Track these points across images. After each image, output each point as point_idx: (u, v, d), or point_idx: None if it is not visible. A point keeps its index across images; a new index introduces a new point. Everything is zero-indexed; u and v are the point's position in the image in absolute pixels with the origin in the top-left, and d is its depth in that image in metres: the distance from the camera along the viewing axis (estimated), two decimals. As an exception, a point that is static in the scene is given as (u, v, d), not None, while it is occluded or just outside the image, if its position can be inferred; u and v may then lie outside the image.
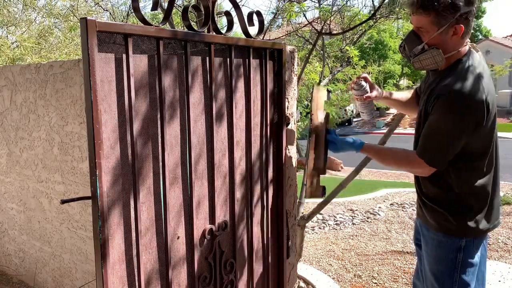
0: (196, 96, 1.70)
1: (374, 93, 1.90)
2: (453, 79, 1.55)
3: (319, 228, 5.22)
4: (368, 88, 1.90)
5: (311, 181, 2.08)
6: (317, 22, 4.73)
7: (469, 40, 1.62)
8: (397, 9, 4.36)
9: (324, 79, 5.06)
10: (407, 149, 1.77)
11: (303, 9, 4.19)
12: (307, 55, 4.27)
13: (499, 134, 1.80)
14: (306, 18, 4.37)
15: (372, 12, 4.37)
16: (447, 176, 1.66)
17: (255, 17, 1.90)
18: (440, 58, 1.56)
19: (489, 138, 1.60)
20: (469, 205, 1.66)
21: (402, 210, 5.75)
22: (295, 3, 4.29)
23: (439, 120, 1.57)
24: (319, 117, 2.04)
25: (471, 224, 1.65)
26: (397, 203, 6.16)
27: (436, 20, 1.51)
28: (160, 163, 1.57)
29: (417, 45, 1.59)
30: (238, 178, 1.92)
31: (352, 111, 18.84)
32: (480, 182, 1.64)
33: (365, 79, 1.91)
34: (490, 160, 1.64)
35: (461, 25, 1.51)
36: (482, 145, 1.60)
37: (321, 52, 4.97)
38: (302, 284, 3.28)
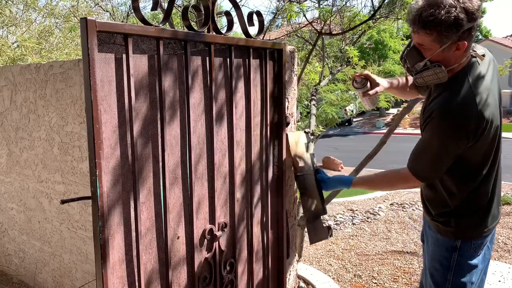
0: (196, 96, 1.70)
1: (374, 91, 1.90)
2: (445, 98, 1.54)
3: (319, 228, 5.21)
4: (368, 85, 1.90)
5: (314, 225, 2.12)
6: (317, 22, 4.73)
7: (473, 48, 1.59)
8: (397, 9, 4.36)
9: (324, 79, 5.06)
10: (393, 169, 1.82)
11: (303, 9, 4.19)
12: (307, 55, 4.28)
13: (499, 134, 1.81)
14: (306, 18, 4.37)
15: (371, 12, 4.37)
16: (445, 182, 1.67)
17: (255, 17, 1.90)
18: (443, 75, 1.53)
19: (490, 147, 1.60)
20: (464, 211, 1.66)
21: (402, 210, 5.75)
22: (295, 3, 4.29)
23: (430, 139, 1.58)
24: (307, 162, 2.10)
25: (464, 228, 1.66)
26: (397, 203, 6.16)
27: (438, 38, 1.48)
28: (160, 163, 1.57)
29: (419, 61, 1.57)
30: (238, 178, 1.92)
31: (352, 111, 18.82)
32: (478, 188, 1.63)
33: (366, 76, 1.90)
34: (491, 166, 1.63)
35: (464, 41, 1.48)
36: (482, 155, 1.60)
37: (321, 52, 4.97)
38: (302, 284, 3.28)
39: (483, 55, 1.59)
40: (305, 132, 2.23)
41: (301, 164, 2.10)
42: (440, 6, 1.43)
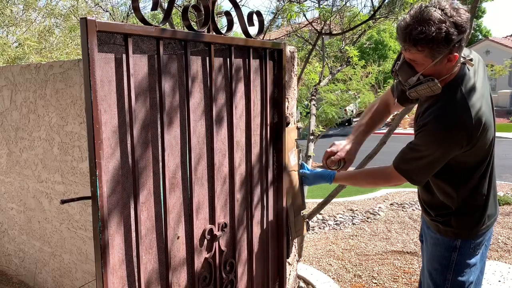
0: (196, 97, 1.70)
1: (349, 166, 1.93)
2: (439, 108, 1.55)
3: (319, 228, 5.22)
4: (342, 164, 1.91)
5: (295, 220, 2.19)
6: (317, 22, 4.74)
7: (465, 53, 1.59)
8: (397, 9, 4.37)
9: (324, 79, 5.06)
10: (376, 167, 1.84)
11: (303, 9, 4.19)
12: (307, 55, 4.28)
13: (499, 134, 1.82)
14: (306, 18, 4.37)
15: (371, 12, 4.37)
16: (442, 187, 1.68)
17: (255, 17, 1.90)
18: (437, 87, 1.53)
19: (486, 151, 1.61)
20: (463, 211, 1.67)
21: (402, 210, 5.75)
22: (295, 3, 4.29)
23: (423, 145, 1.59)
24: (291, 158, 2.14)
25: (464, 227, 1.68)
26: (397, 203, 6.16)
27: (430, 54, 1.47)
28: (160, 163, 1.57)
29: (411, 75, 1.56)
30: (238, 178, 1.92)
31: (352, 111, 18.83)
32: (474, 188, 1.65)
33: (339, 159, 1.90)
34: (486, 166, 1.64)
35: (455, 53, 1.47)
36: (478, 157, 1.61)
37: (321, 52, 4.97)
38: (302, 284, 3.28)
39: (471, 59, 1.59)
40: (297, 128, 2.24)
41: (291, 161, 2.13)
42: (430, 22, 1.41)
